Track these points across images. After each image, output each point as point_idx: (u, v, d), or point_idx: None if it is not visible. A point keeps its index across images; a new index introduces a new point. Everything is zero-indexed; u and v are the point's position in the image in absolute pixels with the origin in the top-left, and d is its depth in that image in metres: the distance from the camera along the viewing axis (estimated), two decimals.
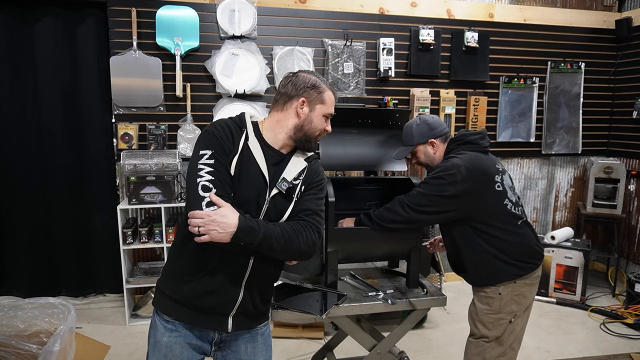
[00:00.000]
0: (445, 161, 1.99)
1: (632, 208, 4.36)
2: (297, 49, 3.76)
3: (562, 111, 4.48)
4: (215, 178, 1.36)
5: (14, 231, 3.66)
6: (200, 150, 1.41)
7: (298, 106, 1.50)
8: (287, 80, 1.54)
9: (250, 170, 1.42)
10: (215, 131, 1.43)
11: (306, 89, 1.51)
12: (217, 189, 1.35)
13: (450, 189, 1.87)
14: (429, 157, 2.11)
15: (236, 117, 1.52)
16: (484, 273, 1.97)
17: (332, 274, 2.07)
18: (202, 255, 1.41)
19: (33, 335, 2.34)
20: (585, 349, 3.23)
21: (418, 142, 2.10)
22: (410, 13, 4.00)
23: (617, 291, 4.15)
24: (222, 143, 1.41)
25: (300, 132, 1.50)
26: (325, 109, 1.54)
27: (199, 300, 1.44)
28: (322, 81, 1.56)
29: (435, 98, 4.10)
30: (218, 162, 1.38)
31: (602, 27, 4.47)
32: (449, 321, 3.60)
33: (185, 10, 3.53)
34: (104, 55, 3.56)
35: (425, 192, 1.92)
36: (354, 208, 2.32)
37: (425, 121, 2.11)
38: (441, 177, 1.89)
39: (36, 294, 3.16)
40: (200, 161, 1.38)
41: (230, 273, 1.43)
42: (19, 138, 3.57)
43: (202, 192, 1.33)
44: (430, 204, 1.91)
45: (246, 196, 1.41)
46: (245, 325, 1.52)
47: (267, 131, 1.51)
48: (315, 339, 3.25)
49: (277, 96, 1.55)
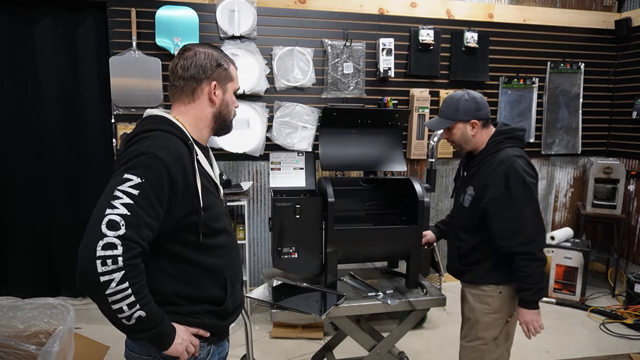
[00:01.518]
0: (502, 155, 1.87)
1: (632, 208, 4.36)
2: (296, 49, 3.75)
3: (562, 111, 4.48)
4: (131, 214, 1.11)
5: (13, 231, 3.65)
6: (127, 172, 1.14)
7: (211, 92, 1.34)
8: (187, 62, 1.32)
9: (207, 186, 1.32)
10: (167, 160, 1.18)
11: (213, 69, 1.34)
12: (129, 229, 1.10)
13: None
14: (465, 138, 1.96)
15: (171, 129, 1.27)
16: (492, 270, 1.94)
17: (331, 274, 2.07)
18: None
19: (32, 335, 2.34)
20: (585, 349, 3.23)
21: (460, 119, 1.93)
22: (409, 13, 4.00)
23: (617, 291, 4.15)
24: (169, 176, 1.18)
25: (220, 119, 1.39)
26: (235, 85, 1.41)
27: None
28: (221, 53, 1.39)
29: (435, 98, 4.10)
30: (145, 195, 1.13)
31: (602, 28, 4.46)
32: (448, 321, 3.60)
33: (185, 11, 3.53)
34: (103, 56, 3.55)
35: (527, 189, 1.84)
36: (354, 208, 2.31)
37: (473, 98, 1.94)
38: (524, 176, 1.83)
39: (35, 295, 3.15)
40: (119, 186, 1.13)
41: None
42: (19, 138, 3.56)
43: (105, 229, 1.08)
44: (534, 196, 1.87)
45: (220, 211, 1.37)
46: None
47: (193, 131, 1.35)
48: (315, 340, 3.25)
49: (180, 82, 1.33)
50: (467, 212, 1.98)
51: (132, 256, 1.10)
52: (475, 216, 1.94)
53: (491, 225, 1.87)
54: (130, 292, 1.10)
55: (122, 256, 1.08)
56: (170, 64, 1.37)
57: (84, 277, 1.09)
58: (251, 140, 3.71)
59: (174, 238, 1.26)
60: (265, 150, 3.75)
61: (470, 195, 1.96)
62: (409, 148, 4.09)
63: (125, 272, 1.09)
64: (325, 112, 2.23)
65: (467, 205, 1.97)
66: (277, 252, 2.07)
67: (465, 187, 2.01)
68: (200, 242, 1.28)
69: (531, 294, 1.85)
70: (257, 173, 3.86)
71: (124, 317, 1.12)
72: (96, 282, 1.07)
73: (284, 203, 2.02)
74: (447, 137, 2.02)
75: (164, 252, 1.26)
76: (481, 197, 1.90)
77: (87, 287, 1.10)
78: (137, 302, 1.12)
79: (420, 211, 2.08)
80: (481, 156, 1.95)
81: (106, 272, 1.07)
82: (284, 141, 3.80)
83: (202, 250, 1.30)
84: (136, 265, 1.12)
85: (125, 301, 1.10)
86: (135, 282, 1.11)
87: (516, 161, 1.85)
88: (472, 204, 1.94)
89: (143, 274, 1.15)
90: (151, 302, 1.17)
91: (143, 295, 1.14)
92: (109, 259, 1.07)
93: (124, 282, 1.09)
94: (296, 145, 3.81)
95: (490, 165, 1.89)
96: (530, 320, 1.88)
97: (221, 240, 1.36)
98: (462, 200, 2.01)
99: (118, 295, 1.09)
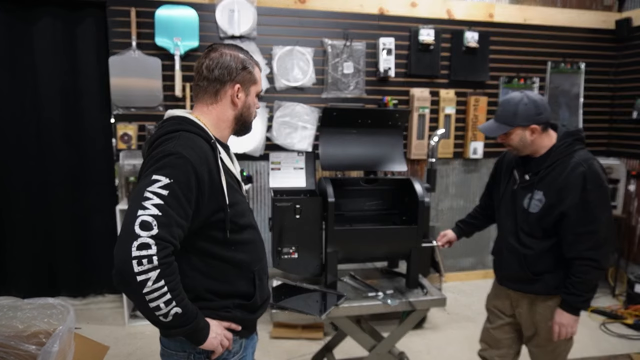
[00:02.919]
0: (576, 159, 1.81)
1: (632, 208, 4.36)
2: (296, 49, 3.75)
3: (562, 111, 4.48)
4: (162, 214, 1.13)
5: (13, 231, 3.65)
6: (155, 174, 1.17)
7: (234, 94, 1.35)
8: (213, 62, 1.33)
9: (232, 183, 1.35)
10: (194, 161, 1.20)
11: (238, 72, 1.34)
12: (161, 228, 1.12)
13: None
14: (523, 143, 1.85)
15: (196, 129, 1.29)
16: (559, 281, 1.86)
17: (331, 274, 2.07)
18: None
19: (32, 335, 2.33)
20: (585, 349, 3.23)
21: (519, 124, 1.82)
22: (410, 13, 3.99)
23: (617, 291, 4.15)
24: (195, 176, 1.20)
25: (240, 121, 1.40)
26: (258, 88, 1.42)
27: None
28: (247, 55, 1.39)
29: (435, 98, 4.10)
30: (174, 195, 1.16)
31: (602, 27, 4.46)
32: (448, 322, 3.60)
33: (185, 10, 3.53)
34: (103, 55, 3.55)
35: (604, 193, 1.81)
36: (354, 208, 2.31)
37: (533, 101, 1.82)
38: (603, 180, 1.80)
39: (35, 295, 3.13)
40: (149, 188, 1.15)
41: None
42: (18, 138, 3.56)
43: (138, 229, 1.11)
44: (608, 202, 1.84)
45: (244, 207, 1.39)
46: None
47: (215, 130, 1.36)
48: (315, 340, 3.25)
49: (205, 83, 1.34)
50: (535, 217, 1.86)
51: (166, 255, 1.13)
52: (549, 221, 1.84)
53: (566, 229, 1.80)
54: (166, 290, 1.13)
55: (156, 255, 1.11)
56: (196, 63, 1.37)
57: (121, 278, 1.11)
58: (251, 140, 3.70)
59: (202, 235, 1.28)
60: (265, 150, 3.75)
61: (539, 201, 1.85)
62: (409, 148, 4.08)
63: (160, 271, 1.11)
64: (325, 112, 2.23)
65: (535, 211, 1.86)
66: (277, 252, 2.07)
67: (529, 192, 1.89)
68: (227, 238, 1.30)
69: (581, 301, 1.79)
70: (257, 173, 3.85)
71: (161, 314, 1.14)
72: (133, 281, 1.10)
73: (284, 203, 2.02)
74: (504, 141, 1.91)
75: (193, 249, 1.28)
76: (557, 202, 1.80)
77: (125, 287, 1.12)
78: (173, 299, 1.14)
79: (420, 211, 2.07)
80: (551, 159, 1.84)
81: (142, 271, 1.10)
82: (284, 141, 3.79)
83: (230, 246, 1.32)
84: (170, 264, 1.15)
85: (162, 299, 1.13)
86: (171, 279, 1.14)
87: (594, 164, 1.80)
88: (544, 209, 1.84)
89: (177, 272, 1.18)
90: (186, 298, 1.20)
91: (178, 292, 1.16)
92: (145, 259, 1.10)
93: (159, 281, 1.11)
94: (296, 145, 3.80)
95: (564, 169, 1.80)
96: (567, 325, 1.83)
97: (247, 236, 1.39)
98: (526, 205, 1.88)
99: (155, 293, 1.12)
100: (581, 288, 1.78)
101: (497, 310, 2.12)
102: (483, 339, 2.21)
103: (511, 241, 1.95)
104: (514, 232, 1.95)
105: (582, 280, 1.78)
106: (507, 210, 1.99)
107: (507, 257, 1.99)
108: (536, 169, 1.88)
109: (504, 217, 2.01)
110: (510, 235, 1.96)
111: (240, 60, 1.35)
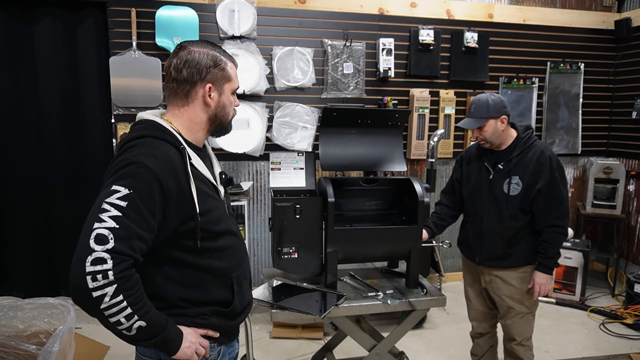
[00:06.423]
0: (539, 146, 2.17)
1: (632, 208, 4.36)
2: (296, 49, 3.76)
3: (562, 111, 4.48)
4: (120, 227, 1.08)
5: (13, 232, 3.65)
6: (114, 184, 1.12)
7: (206, 95, 1.28)
8: (181, 62, 1.26)
9: (205, 189, 1.28)
10: (157, 169, 1.15)
11: (209, 70, 1.27)
12: (118, 242, 1.07)
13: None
14: (496, 133, 2.17)
15: (163, 135, 1.23)
16: (532, 251, 2.20)
17: (331, 274, 2.07)
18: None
19: (32, 335, 2.34)
20: (585, 349, 3.23)
21: (492, 116, 2.14)
22: (409, 13, 4.00)
23: (617, 291, 4.15)
24: (159, 185, 1.15)
25: (215, 122, 1.34)
26: (233, 85, 1.34)
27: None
28: (219, 51, 1.31)
29: (434, 98, 4.10)
30: (134, 207, 1.11)
31: (602, 28, 4.47)
32: (448, 321, 3.60)
33: (185, 11, 3.53)
34: (103, 55, 3.55)
35: (564, 173, 2.18)
36: (354, 208, 2.31)
37: (499, 97, 2.19)
38: (560, 162, 2.18)
39: (36, 295, 3.15)
40: (107, 199, 1.10)
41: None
42: (19, 138, 3.56)
43: (93, 243, 1.06)
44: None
45: (220, 213, 1.34)
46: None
47: (187, 134, 1.31)
48: (315, 340, 3.25)
49: (174, 84, 1.28)
50: (517, 199, 2.16)
51: (124, 268, 1.08)
52: (527, 200, 2.15)
53: (539, 203, 2.14)
54: (125, 305, 1.08)
55: (112, 270, 1.06)
56: (165, 64, 1.32)
57: (76, 294, 1.07)
58: (251, 140, 3.71)
59: (174, 244, 1.24)
60: (265, 150, 3.75)
61: (517, 184, 2.16)
62: (409, 148, 4.09)
63: (117, 286, 1.07)
64: (325, 112, 2.23)
65: (515, 193, 2.16)
66: (277, 252, 2.08)
67: (506, 177, 2.18)
68: (199, 247, 1.26)
69: (554, 261, 2.17)
70: (257, 173, 3.86)
71: (123, 328, 1.10)
72: (89, 298, 1.05)
73: (284, 203, 2.02)
74: (478, 135, 2.20)
75: (165, 258, 1.24)
76: (534, 182, 2.12)
77: (82, 304, 1.08)
78: (135, 313, 1.10)
79: (420, 211, 2.08)
80: (519, 149, 2.17)
81: (97, 287, 1.05)
82: (284, 141, 3.80)
83: (204, 254, 1.28)
84: (129, 278, 1.09)
85: (122, 314, 1.08)
86: (130, 294, 1.09)
87: (552, 150, 2.19)
88: (523, 190, 2.15)
89: (138, 284, 1.13)
90: (151, 310, 1.15)
91: (140, 306, 1.12)
92: (99, 274, 1.05)
93: (117, 296, 1.07)
94: (296, 145, 3.81)
95: (534, 154, 2.14)
96: (545, 283, 2.18)
97: (224, 242, 1.34)
98: (506, 190, 2.18)
99: (113, 308, 1.07)
100: (553, 251, 2.16)
101: (471, 289, 2.47)
102: (473, 317, 2.53)
103: (493, 224, 2.23)
104: (497, 216, 2.21)
105: (552, 245, 2.15)
106: (487, 197, 2.25)
107: (488, 239, 2.25)
108: (507, 158, 2.19)
109: (485, 204, 2.26)
110: (492, 218, 2.23)
111: (211, 57, 1.28)
